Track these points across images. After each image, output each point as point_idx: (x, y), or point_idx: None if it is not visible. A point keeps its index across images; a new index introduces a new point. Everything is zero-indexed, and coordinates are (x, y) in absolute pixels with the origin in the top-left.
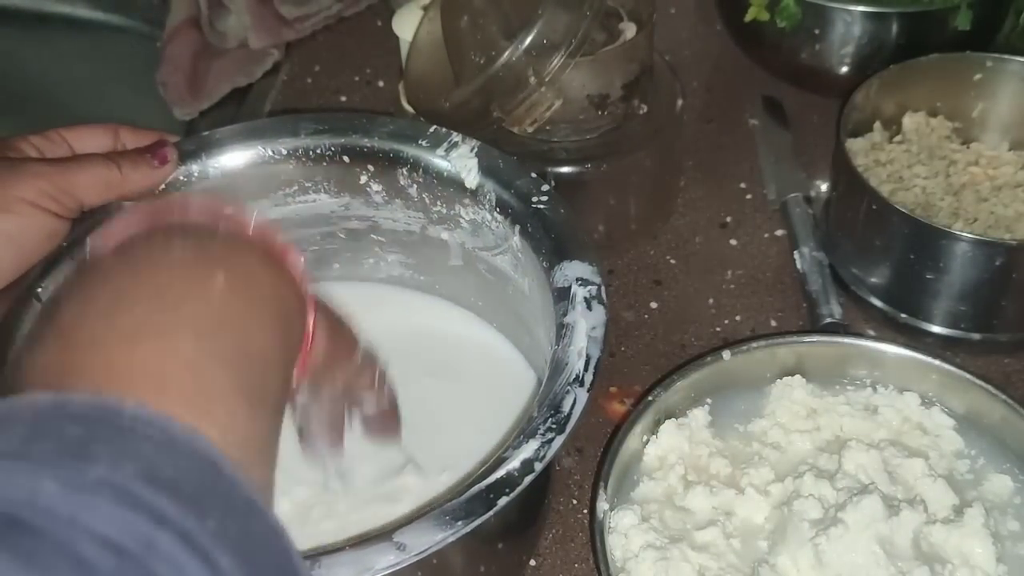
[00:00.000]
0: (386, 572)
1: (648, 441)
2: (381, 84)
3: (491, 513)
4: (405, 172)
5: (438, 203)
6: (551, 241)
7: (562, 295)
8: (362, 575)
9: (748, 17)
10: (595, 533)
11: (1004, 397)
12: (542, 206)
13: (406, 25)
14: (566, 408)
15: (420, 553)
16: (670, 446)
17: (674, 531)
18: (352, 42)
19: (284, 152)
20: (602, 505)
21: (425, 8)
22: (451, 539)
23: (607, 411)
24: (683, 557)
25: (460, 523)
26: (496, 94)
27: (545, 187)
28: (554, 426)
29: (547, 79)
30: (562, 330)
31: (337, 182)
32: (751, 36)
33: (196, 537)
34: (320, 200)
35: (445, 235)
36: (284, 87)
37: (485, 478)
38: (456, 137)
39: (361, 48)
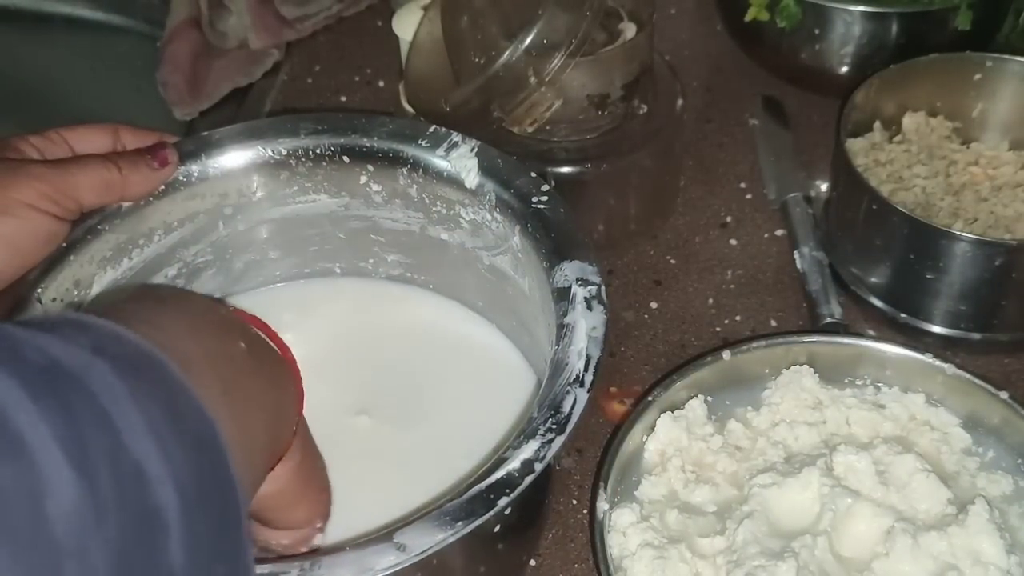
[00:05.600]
0: (386, 573)
1: (647, 439)
2: (381, 84)
3: (491, 514)
4: (405, 172)
5: (438, 203)
6: (551, 241)
7: (562, 295)
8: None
9: (748, 17)
10: (595, 533)
11: (1004, 397)
12: (542, 206)
13: (406, 25)
14: (566, 408)
15: (420, 553)
16: (668, 439)
17: (674, 532)
18: (352, 42)
19: (284, 152)
20: (602, 505)
21: (425, 8)
22: (451, 539)
23: (607, 411)
24: (681, 558)
25: (460, 523)
26: (496, 94)
27: (545, 187)
28: (554, 426)
29: (547, 79)
30: (562, 330)
31: (337, 182)
32: (751, 36)
33: (142, 392)
34: (320, 200)
35: (445, 235)
36: (284, 87)
37: (485, 478)
38: (456, 137)
39: (361, 48)
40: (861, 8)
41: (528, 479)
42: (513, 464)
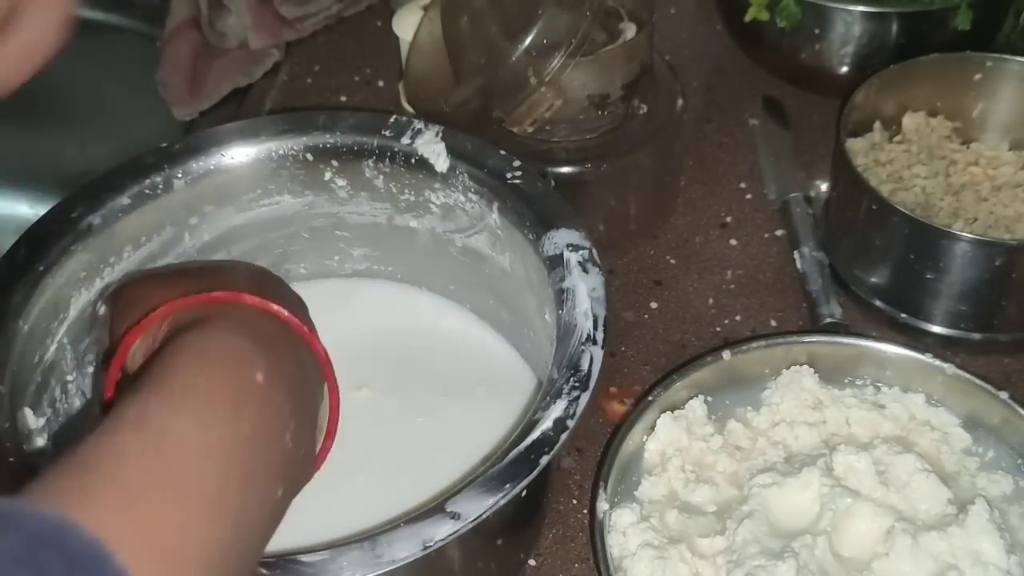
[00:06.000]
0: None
1: (647, 439)
2: (381, 84)
3: (536, 473)
4: (371, 164)
5: (406, 191)
6: (533, 213)
7: (555, 263)
8: (423, 548)
9: (748, 17)
10: (595, 533)
11: (1004, 397)
12: (518, 181)
13: (406, 25)
14: (585, 366)
15: (476, 519)
16: (668, 439)
17: (674, 532)
18: (352, 42)
19: (246, 157)
20: (602, 505)
21: (425, 8)
22: (502, 502)
23: (607, 411)
24: (681, 558)
25: (508, 486)
26: (496, 94)
27: (517, 163)
28: (577, 384)
29: (547, 79)
30: (563, 295)
31: (301, 181)
32: (751, 36)
33: None
34: (284, 201)
35: (414, 223)
36: (284, 87)
37: (521, 441)
38: (419, 124)
39: (361, 48)
40: (861, 8)
41: (564, 436)
42: (546, 424)
